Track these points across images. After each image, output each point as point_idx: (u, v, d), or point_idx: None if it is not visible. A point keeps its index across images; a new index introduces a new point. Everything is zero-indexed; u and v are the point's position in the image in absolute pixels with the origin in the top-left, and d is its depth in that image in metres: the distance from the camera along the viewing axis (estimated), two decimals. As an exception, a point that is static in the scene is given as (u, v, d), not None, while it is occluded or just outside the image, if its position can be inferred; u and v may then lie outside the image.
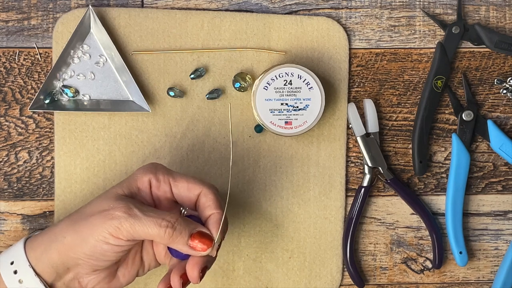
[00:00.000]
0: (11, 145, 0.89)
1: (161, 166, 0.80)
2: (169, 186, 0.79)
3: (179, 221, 0.75)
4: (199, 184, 0.78)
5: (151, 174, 0.79)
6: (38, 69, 0.89)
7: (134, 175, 0.79)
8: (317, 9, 0.90)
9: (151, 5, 0.89)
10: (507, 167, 0.94)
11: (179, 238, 0.75)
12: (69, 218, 0.78)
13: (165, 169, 0.80)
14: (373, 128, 0.91)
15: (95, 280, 0.78)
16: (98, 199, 0.78)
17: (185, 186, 0.78)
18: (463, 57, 0.92)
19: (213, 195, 0.78)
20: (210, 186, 0.79)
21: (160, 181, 0.79)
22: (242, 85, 0.89)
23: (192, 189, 0.78)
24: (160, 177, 0.79)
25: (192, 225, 0.76)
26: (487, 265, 0.95)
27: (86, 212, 0.77)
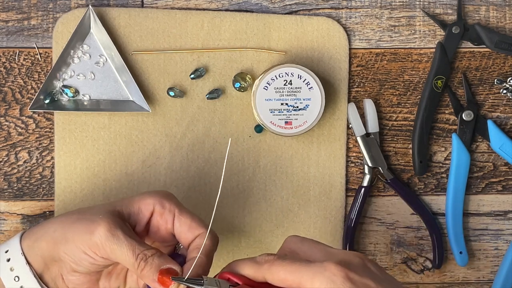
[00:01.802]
0: (11, 145, 0.89)
1: (173, 196, 0.78)
2: (173, 217, 0.77)
3: (156, 256, 0.73)
4: (203, 226, 0.76)
5: (159, 198, 0.77)
6: (38, 69, 0.89)
7: (142, 195, 0.78)
8: (317, 9, 0.90)
9: (151, 5, 0.89)
10: (507, 167, 0.94)
11: (147, 272, 0.72)
12: (66, 215, 0.78)
13: (175, 200, 0.78)
14: (373, 128, 0.91)
15: (76, 281, 0.77)
16: (96, 207, 0.77)
17: (188, 223, 0.76)
18: (463, 57, 0.92)
19: (210, 243, 0.74)
20: (212, 234, 0.75)
21: (165, 208, 0.77)
22: (242, 85, 0.89)
23: (194, 228, 0.76)
24: (166, 205, 0.77)
25: (166, 261, 0.73)
26: (487, 265, 0.95)
27: (80, 215, 0.76)
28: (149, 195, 0.77)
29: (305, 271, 0.66)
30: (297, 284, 0.67)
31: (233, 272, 0.70)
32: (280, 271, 0.68)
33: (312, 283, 0.66)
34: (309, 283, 0.66)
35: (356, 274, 0.66)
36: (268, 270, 0.68)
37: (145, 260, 0.73)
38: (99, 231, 0.73)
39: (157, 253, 0.73)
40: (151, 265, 0.73)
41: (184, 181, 0.90)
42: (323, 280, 0.65)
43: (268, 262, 0.69)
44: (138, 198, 0.77)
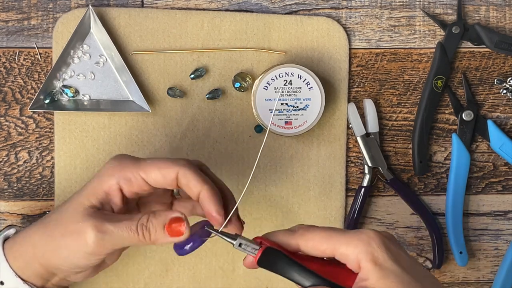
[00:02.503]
0: (11, 145, 0.89)
1: (127, 160, 0.74)
2: (143, 180, 0.73)
3: (151, 218, 0.71)
4: (172, 166, 0.72)
5: (117, 174, 0.73)
6: (38, 69, 0.89)
7: (99, 179, 0.74)
8: (317, 9, 0.90)
9: (151, 5, 0.89)
10: (507, 167, 0.94)
11: (156, 236, 0.71)
12: (43, 230, 0.75)
13: (131, 162, 0.74)
14: (373, 128, 0.91)
15: (83, 276, 0.77)
16: (65, 213, 0.74)
17: (159, 175, 0.73)
18: (463, 57, 0.92)
19: (191, 172, 0.72)
20: (185, 164, 0.73)
21: (130, 179, 0.73)
22: (242, 85, 0.89)
23: (167, 175, 0.73)
24: (129, 175, 0.73)
25: (164, 215, 0.72)
26: (487, 265, 0.95)
27: (58, 227, 0.73)
28: (108, 175, 0.73)
29: (341, 236, 0.67)
30: (331, 250, 0.67)
31: (266, 238, 0.71)
32: (314, 237, 0.68)
33: (347, 247, 0.67)
34: (344, 248, 0.67)
35: (390, 242, 0.67)
36: (302, 236, 0.69)
37: (146, 229, 0.71)
38: (90, 238, 0.71)
39: (151, 215, 0.72)
40: (154, 228, 0.71)
41: (184, 181, 0.90)
42: (358, 243, 0.66)
43: (303, 229, 0.69)
44: (98, 184, 0.74)
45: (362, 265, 0.66)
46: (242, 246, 0.70)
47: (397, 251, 0.67)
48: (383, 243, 0.67)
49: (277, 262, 0.69)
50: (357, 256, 0.66)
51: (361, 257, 0.66)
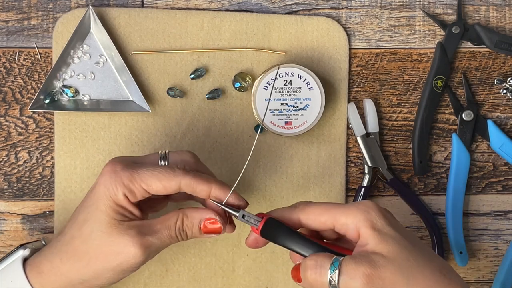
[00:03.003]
0: (11, 145, 0.89)
1: (125, 169, 0.73)
2: (145, 190, 0.74)
3: (185, 221, 0.74)
4: (173, 178, 0.73)
5: (121, 188, 0.73)
6: (38, 69, 0.89)
7: (106, 196, 0.73)
8: (317, 9, 0.90)
9: (151, 5, 0.89)
10: (507, 167, 0.94)
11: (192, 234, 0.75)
12: (72, 259, 0.74)
13: (130, 171, 0.73)
14: (373, 128, 0.91)
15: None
16: (94, 237, 0.74)
17: (160, 187, 0.74)
18: (463, 57, 0.92)
19: (193, 180, 0.73)
20: (184, 174, 0.73)
21: (133, 191, 0.74)
22: (242, 85, 0.89)
23: (168, 187, 0.73)
24: (131, 188, 0.73)
25: (198, 216, 0.75)
26: (487, 265, 0.95)
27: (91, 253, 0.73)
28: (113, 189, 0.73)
29: (340, 208, 0.71)
30: (331, 221, 0.71)
31: (268, 214, 0.74)
32: (315, 210, 0.72)
33: (346, 217, 0.70)
34: (343, 218, 0.70)
35: (386, 212, 0.71)
36: (303, 211, 0.72)
37: (183, 232, 0.74)
38: (138, 256, 0.73)
39: (184, 217, 0.74)
40: (190, 230, 0.74)
41: (184, 181, 0.90)
42: (357, 212, 0.70)
43: (303, 204, 0.73)
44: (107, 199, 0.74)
45: (361, 232, 0.69)
46: (245, 217, 0.73)
47: (394, 220, 0.71)
48: (381, 212, 0.70)
49: (279, 232, 0.72)
50: (356, 224, 0.69)
51: (360, 224, 0.69)
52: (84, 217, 0.75)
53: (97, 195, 0.74)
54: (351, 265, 0.67)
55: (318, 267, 0.69)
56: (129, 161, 0.75)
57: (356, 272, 0.67)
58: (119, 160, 0.75)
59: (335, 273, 0.68)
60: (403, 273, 0.67)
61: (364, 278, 0.66)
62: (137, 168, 0.74)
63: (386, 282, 0.67)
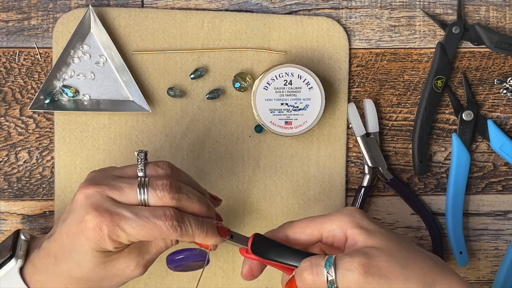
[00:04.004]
0: (11, 145, 0.89)
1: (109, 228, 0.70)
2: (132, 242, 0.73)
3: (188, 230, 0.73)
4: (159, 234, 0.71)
5: (110, 243, 0.71)
6: (38, 69, 0.89)
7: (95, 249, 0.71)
8: (317, 9, 0.90)
9: (151, 5, 0.89)
10: (507, 167, 0.94)
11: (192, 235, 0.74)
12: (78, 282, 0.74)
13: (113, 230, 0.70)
14: (373, 128, 0.91)
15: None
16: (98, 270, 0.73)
17: (147, 239, 0.72)
18: (463, 57, 0.92)
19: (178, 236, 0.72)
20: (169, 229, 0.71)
21: (122, 244, 0.72)
22: (242, 85, 0.89)
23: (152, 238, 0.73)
24: (120, 242, 0.71)
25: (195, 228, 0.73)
26: (487, 265, 0.95)
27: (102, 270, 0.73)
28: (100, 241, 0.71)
29: (324, 216, 0.73)
30: (317, 230, 0.73)
31: None
32: (300, 224, 0.74)
33: (332, 223, 0.72)
34: (328, 224, 0.72)
35: (369, 216, 0.74)
36: (289, 227, 0.74)
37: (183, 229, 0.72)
38: (139, 273, 0.74)
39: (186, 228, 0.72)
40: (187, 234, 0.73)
41: (184, 181, 0.90)
42: (341, 216, 0.72)
43: (288, 222, 0.75)
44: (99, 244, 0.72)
45: (349, 233, 0.71)
46: (234, 238, 0.75)
47: (378, 222, 0.73)
48: (364, 214, 0.73)
49: (268, 247, 0.73)
50: (342, 228, 0.71)
51: (346, 226, 0.71)
52: (79, 258, 0.73)
53: (86, 247, 0.72)
54: (345, 258, 0.69)
55: (314, 266, 0.70)
56: (108, 201, 0.71)
57: (352, 264, 0.68)
58: (99, 209, 0.70)
59: (331, 269, 0.68)
60: (397, 261, 0.69)
61: (360, 268, 0.68)
62: (124, 223, 0.70)
63: (382, 270, 0.68)
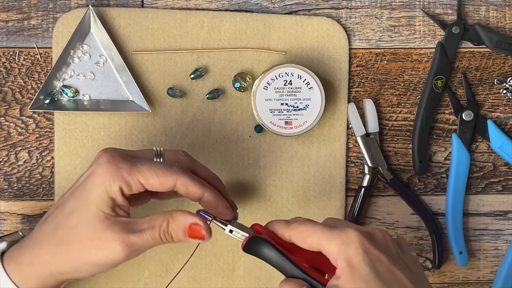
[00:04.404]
0: (11, 145, 0.89)
1: (123, 161, 0.72)
2: (141, 184, 0.73)
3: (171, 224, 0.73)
4: (170, 175, 0.72)
5: (118, 180, 0.72)
6: (38, 69, 0.89)
7: (102, 186, 0.72)
8: (317, 9, 0.90)
9: (151, 5, 0.89)
10: (507, 167, 0.94)
11: (177, 237, 0.73)
12: (55, 249, 0.73)
13: (127, 164, 0.72)
14: (373, 128, 0.91)
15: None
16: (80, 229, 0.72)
17: (157, 182, 0.73)
18: (463, 57, 0.92)
19: (190, 181, 0.73)
20: (182, 173, 0.73)
21: (130, 184, 0.73)
22: (242, 85, 0.89)
23: (165, 183, 0.73)
24: (129, 180, 0.72)
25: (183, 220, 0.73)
26: (487, 265, 0.95)
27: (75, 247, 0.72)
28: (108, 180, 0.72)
29: (326, 233, 0.69)
30: (316, 245, 0.70)
31: (263, 226, 0.74)
32: (304, 230, 0.71)
33: (329, 245, 0.69)
34: (326, 245, 0.69)
35: (372, 245, 0.68)
36: (295, 229, 0.71)
37: (168, 234, 0.72)
38: (118, 253, 0.72)
39: (170, 220, 0.72)
40: (175, 232, 0.72)
41: (184, 181, 0.90)
42: (338, 243, 0.68)
43: (298, 222, 0.72)
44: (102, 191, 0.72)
45: (338, 264, 0.68)
46: (233, 232, 0.74)
47: (376, 254, 0.68)
48: (362, 246, 0.68)
49: (262, 250, 0.72)
50: (336, 255, 0.69)
51: (339, 255, 0.68)
52: (72, 207, 0.73)
53: (90, 185, 0.73)
54: None
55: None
56: (124, 153, 0.75)
57: None
58: (116, 151, 0.74)
59: None
60: None
61: None
62: (135, 162, 0.73)
63: None
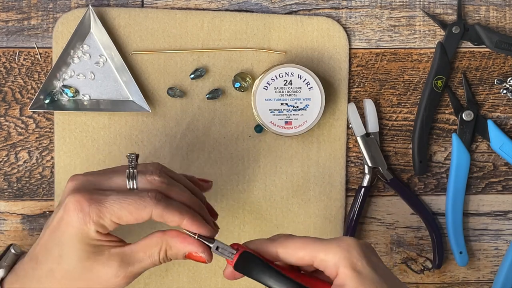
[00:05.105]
0: (11, 145, 0.89)
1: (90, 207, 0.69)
2: (116, 223, 0.70)
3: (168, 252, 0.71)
4: (143, 208, 0.69)
5: (91, 224, 0.69)
6: (38, 69, 0.89)
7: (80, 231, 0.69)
8: (317, 9, 0.90)
9: (151, 5, 0.89)
10: (507, 167, 0.94)
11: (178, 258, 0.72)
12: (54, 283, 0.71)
13: (96, 206, 0.69)
14: (373, 128, 0.91)
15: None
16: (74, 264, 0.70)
17: (131, 218, 0.70)
18: (463, 57, 0.92)
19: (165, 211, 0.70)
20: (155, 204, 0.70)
21: (104, 226, 0.70)
22: (242, 85, 0.89)
23: (139, 217, 0.70)
24: (103, 224, 0.69)
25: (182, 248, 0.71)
26: (487, 265, 0.95)
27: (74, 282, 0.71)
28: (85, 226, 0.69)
29: (320, 244, 0.68)
30: (310, 257, 0.68)
31: (244, 245, 0.70)
32: (293, 244, 0.69)
33: (326, 254, 0.67)
34: (323, 254, 0.67)
35: (367, 251, 0.68)
36: (282, 244, 0.69)
37: (168, 259, 0.72)
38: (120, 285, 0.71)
39: (167, 247, 0.71)
40: (175, 256, 0.71)
41: (184, 181, 0.90)
42: (338, 249, 0.67)
43: (282, 238, 0.70)
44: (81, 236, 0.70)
45: (340, 271, 0.66)
46: (219, 249, 0.70)
47: (376, 260, 0.68)
48: (362, 251, 0.67)
49: (254, 266, 0.69)
50: (335, 263, 0.66)
51: (340, 263, 0.66)
52: (59, 253, 0.71)
53: (67, 235, 0.70)
54: None
55: None
56: (92, 187, 0.71)
57: None
58: (81, 191, 0.70)
59: None
60: None
61: None
62: (104, 201, 0.70)
63: None
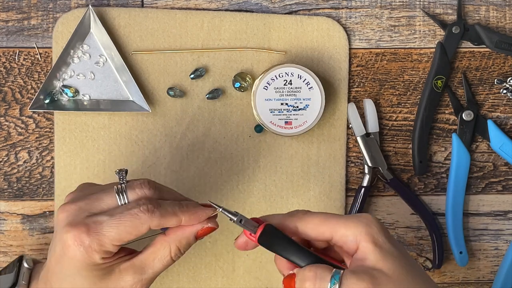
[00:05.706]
0: (11, 145, 0.89)
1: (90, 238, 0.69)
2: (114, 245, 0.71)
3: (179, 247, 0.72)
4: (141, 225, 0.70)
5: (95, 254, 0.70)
6: (38, 69, 0.89)
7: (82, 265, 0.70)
8: (317, 9, 0.90)
9: (151, 5, 0.89)
10: (507, 167, 0.94)
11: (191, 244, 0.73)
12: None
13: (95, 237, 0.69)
14: (373, 128, 0.91)
15: None
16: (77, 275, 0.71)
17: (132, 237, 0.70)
18: (463, 57, 0.92)
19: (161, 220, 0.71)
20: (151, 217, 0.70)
21: (109, 251, 0.70)
22: (242, 85, 0.89)
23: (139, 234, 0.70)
24: (106, 250, 0.70)
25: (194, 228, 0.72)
26: (487, 265, 0.95)
27: None
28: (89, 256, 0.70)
29: (340, 219, 0.69)
30: (330, 231, 0.69)
31: (264, 219, 0.71)
32: (313, 219, 0.69)
33: (346, 229, 0.68)
34: (343, 229, 0.68)
35: (386, 229, 0.69)
36: (301, 219, 0.70)
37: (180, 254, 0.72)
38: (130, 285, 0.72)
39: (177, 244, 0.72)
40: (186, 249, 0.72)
41: (184, 181, 0.90)
42: (359, 224, 0.68)
43: (301, 213, 0.71)
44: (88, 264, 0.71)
45: (361, 245, 0.68)
46: (243, 222, 0.70)
47: (392, 236, 0.70)
48: (382, 227, 0.69)
49: (276, 240, 0.70)
50: (356, 237, 0.68)
51: (361, 238, 0.68)
52: (72, 284, 0.71)
53: (73, 267, 0.71)
54: (352, 279, 0.66)
55: (318, 279, 0.67)
56: (84, 216, 0.71)
57: (358, 287, 0.66)
58: (77, 224, 0.70)
59: (335, 286, 0.66)
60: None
61: None
62: (101, 228, 0.70)
63: None
